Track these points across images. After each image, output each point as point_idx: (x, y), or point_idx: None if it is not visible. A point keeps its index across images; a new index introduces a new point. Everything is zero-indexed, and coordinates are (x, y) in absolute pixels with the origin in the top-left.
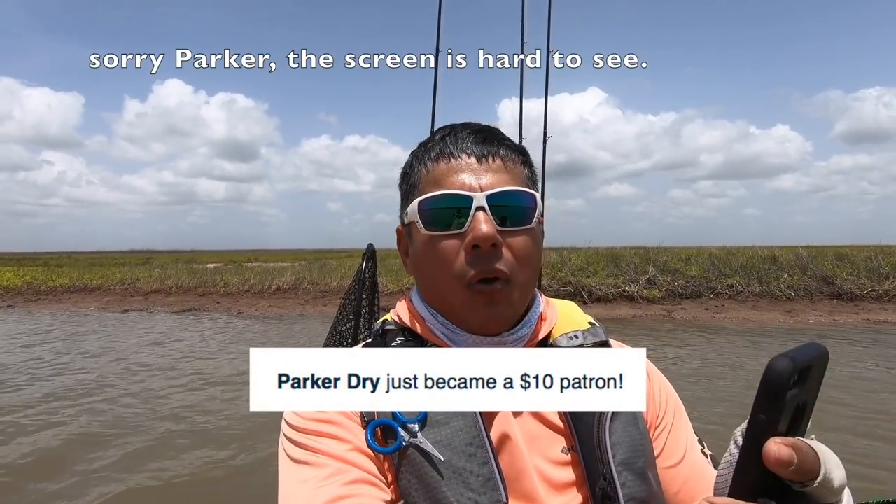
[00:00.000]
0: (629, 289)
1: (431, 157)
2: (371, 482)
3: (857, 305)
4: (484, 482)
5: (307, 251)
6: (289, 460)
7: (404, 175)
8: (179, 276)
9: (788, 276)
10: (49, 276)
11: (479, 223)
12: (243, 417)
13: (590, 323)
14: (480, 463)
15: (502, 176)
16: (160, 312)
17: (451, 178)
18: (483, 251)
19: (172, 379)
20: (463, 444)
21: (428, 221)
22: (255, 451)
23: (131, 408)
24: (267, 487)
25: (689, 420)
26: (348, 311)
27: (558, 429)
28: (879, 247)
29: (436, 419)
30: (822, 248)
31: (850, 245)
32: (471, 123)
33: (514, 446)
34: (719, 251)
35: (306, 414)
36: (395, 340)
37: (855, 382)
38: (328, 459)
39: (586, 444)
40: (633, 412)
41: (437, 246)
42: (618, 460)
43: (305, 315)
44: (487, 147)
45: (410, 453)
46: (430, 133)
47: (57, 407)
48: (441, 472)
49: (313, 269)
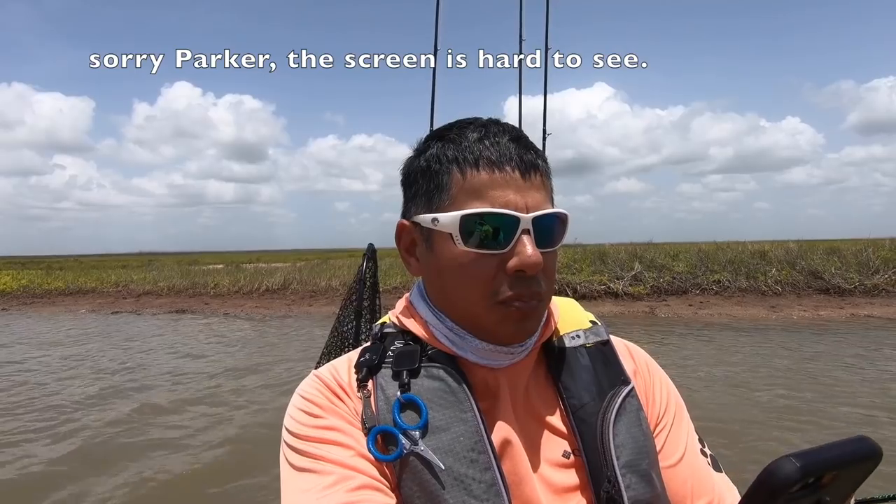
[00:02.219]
0: (614, 285)
1: (469, 160)
2: (376, 487)
3: (845, 300)
4: (487, 488)
5: (314, 251)
6: (291, 468)
7: (425, 171)
8: (171, 279)
9: (776, 270)
10: (45, 280)
11: (525, 247)
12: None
13: (591, 321)
14: (482, 469)
15: (542, 194)
16: (147, 314)
17: (495, 191)
18: (527, 276)
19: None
20: (464, 450)
21: (469, 237)
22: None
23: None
24: (263, 489)
25: (690, 420)
26: (349, 312)
27: (561, 432)
28: (870, 240)
29: (437, 425)
30: (814, 242)
31: (864, 238)
32: (503, 123)
33: (516, 451)
34: (708, 246)
35: (307, 421)
36: (395, 344)
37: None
38: (331, 466)
39: (590, 447)
40: (637, 412)
41: (475, 263)
42: (622, 462)
43: (290, 315)
44: (529, 157)
45: (412, 461)
46: (430, 131)
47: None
48: (442, 481)
49: (304, 270)
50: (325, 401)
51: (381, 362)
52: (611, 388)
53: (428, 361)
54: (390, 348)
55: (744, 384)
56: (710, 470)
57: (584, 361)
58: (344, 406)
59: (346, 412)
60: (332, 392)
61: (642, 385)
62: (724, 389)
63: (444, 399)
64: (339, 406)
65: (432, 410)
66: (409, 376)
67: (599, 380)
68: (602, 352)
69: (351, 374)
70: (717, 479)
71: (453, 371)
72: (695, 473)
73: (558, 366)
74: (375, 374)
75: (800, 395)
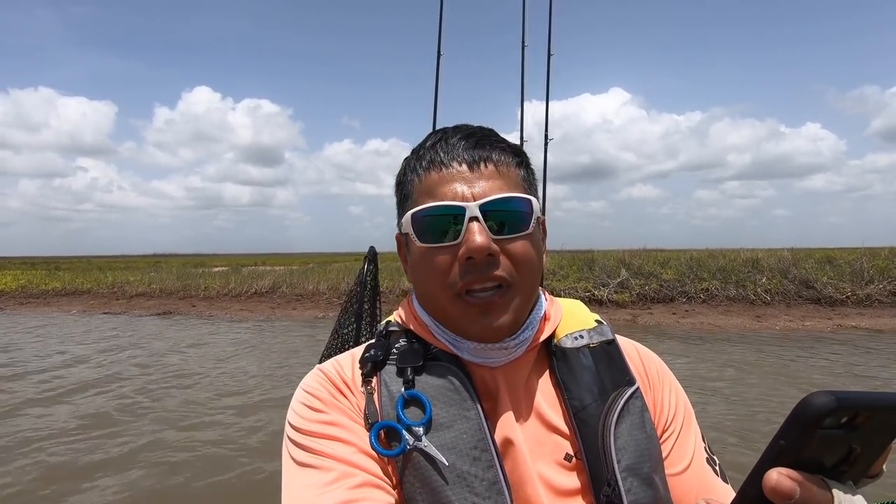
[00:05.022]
0: (598, 293)
1: (423, 165)
2: (377, 485)
3: (834, 310)
4: (489, 486)
5: (327, 255)
6: (293, 463)
7: (398, 184)
8: (165, 280)
9: (767, 279)
10: (44, 280)
11: (472, 234)
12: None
13: (596, 321)
14: (485, 467)
15: (496, 182)
16: (132, 315)
17: (442, 187)
18: (477, 262)
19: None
20: (467, 448)
21: (422, 233)
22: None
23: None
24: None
25: (698, 427)
26: (350, 314)
27: (563, 433)
28: (866, 249)
29: (440, 422)
30: (810, 250)
31: (889, 247)
32: (463, 127)
33: (518, 452)
34: (700, 254)
35: (310, 416)
36: (399, 342)
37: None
38: (333, 462)
39: (591, 449)
40: (641, 413)
41: (431, 258)
42: (623, 465)
43: (271, 318)
44: (479, 152)
45: (415, 457)
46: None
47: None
48: (445, 477)
49: (295, 274)
50: (327, 395)
51: (386, 358)
52: (614, 388)
53: (432, 360)
54: (395, 345)
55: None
56: (717, 479)
57: (587, 362)
58: (346, 401)
59: (348, 407)
60: (335, 387)
61: (650, 390)
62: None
63: (448, 396)
64: (341, 401)
65: (436, 407)
66: (414, 373)
67: (602, 380)
68: (607, 351)
69: (355, 370)
70: (722, 488)
71: (457, 369)
72: (701, 482)
73: (560, 366)
74: (380, 370)
75: (703, 404)
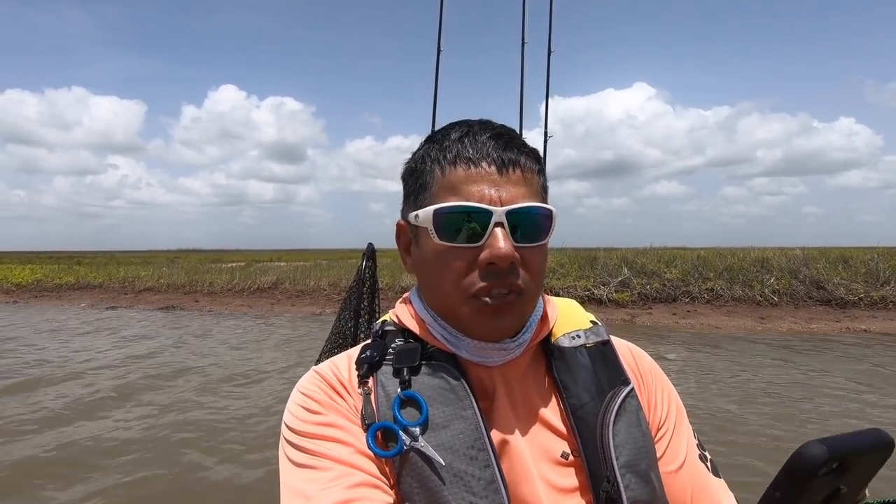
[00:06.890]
0: (598, 291)
1: (447, 158)
2: (375, 485)
3: (845, 312)
4: (486, 485)
5: (347, 251)
6: (290, 464)
7: (412, 171)
8: (173, 275)
9: (776, 279)
10: (58, 275)
11: (497, 240)
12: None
13: (591, 322)
14: (482, 466)
15: (522, 189)
16: (138, 309)
17: (469, 186)
18: (498, 269)
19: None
20: (464, 447)
21: (442, 231)
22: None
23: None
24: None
25: (690, 425)
26: (349, 312)
27: (560, 432)
28: (883, 249)
29: (436, 422)
30: (825, 249)
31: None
32: (488, 123)
33: (515, 450)
34: (707, 252)
35: (307, 418)
36: (395, 342)
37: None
38: (330, 463)
39: (589, 447)
40: (636, 412)
41: (450, 257)
42: (621, 462)
43: (270, 313)
44: (509, 154)
45: (412, 457)
46: (431, 131)
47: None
48: (442, 477)
49: (299, 270)
50: (324, 397)
51: (382, 359)
52: (611, 388)
53: (428, 359)
54: (391, 345)
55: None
56: (710, 475)
57: (584, 361)
58: (343, 402)
59: (345, 409)
60: (332, 388)
61: (644, 390)
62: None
63: (445, 396)
64: (338, 402)
65: (432, 407)
66: (410, 373)
67: (599, 380)
68: (602, 352)
69: (351, 371)
70: (715, 484)
71: (453, 369)
72: (695, 479)
73: (558, 365)
74: (376, 370)
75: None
